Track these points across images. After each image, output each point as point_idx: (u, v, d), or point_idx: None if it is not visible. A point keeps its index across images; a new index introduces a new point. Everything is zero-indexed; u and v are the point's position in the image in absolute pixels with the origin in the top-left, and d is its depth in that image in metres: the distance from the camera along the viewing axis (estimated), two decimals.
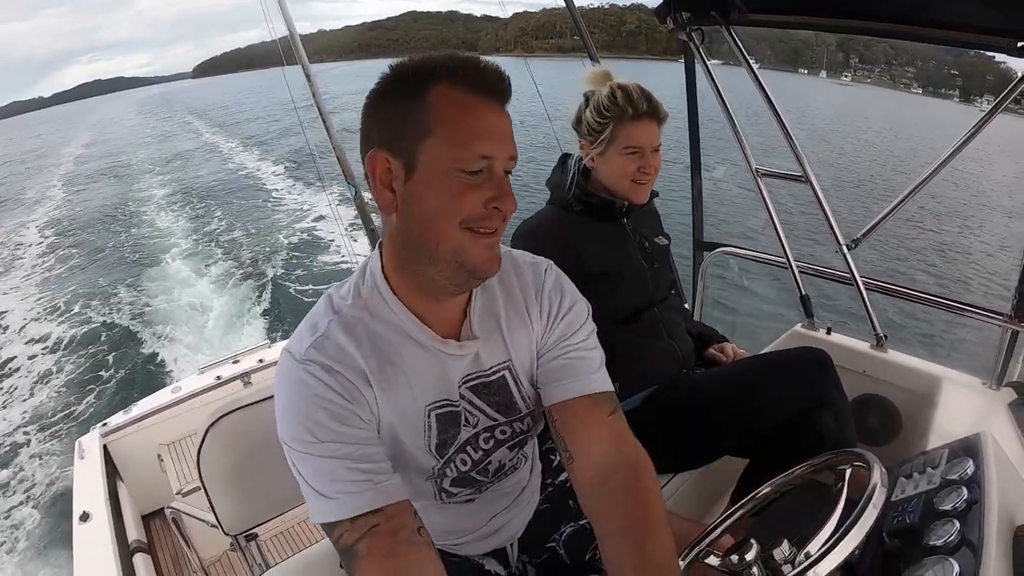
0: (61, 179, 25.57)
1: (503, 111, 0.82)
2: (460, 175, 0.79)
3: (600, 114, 1.57)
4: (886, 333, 2.09)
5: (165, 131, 39.67)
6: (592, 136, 1.60)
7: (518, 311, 0.99)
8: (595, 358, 1.01)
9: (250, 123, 36.07)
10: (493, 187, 0.81)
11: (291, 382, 0.84)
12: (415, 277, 0.88)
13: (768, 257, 2.35)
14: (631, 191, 1.62)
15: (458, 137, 0.78)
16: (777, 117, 1.98)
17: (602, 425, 0.95)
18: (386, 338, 0.90)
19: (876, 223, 2.05)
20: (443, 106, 0.78)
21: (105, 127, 50.08)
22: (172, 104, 64.50)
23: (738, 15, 1.88)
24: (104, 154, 29.79)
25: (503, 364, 0.99)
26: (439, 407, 0.95)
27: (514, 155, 0.83)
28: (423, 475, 0.98)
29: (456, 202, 0.79)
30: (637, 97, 1.55)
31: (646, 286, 1.68)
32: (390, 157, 0.81)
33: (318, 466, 0.81)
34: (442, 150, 0.78)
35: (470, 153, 0.78)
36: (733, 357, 1.82)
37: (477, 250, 0.83)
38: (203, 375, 3.22)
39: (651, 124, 1.57)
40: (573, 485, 0.96)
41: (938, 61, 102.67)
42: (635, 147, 1.57)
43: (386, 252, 0.91)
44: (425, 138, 0.78)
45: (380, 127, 0.82)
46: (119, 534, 2.34)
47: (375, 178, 0.83)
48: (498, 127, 0.81)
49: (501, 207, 0.82)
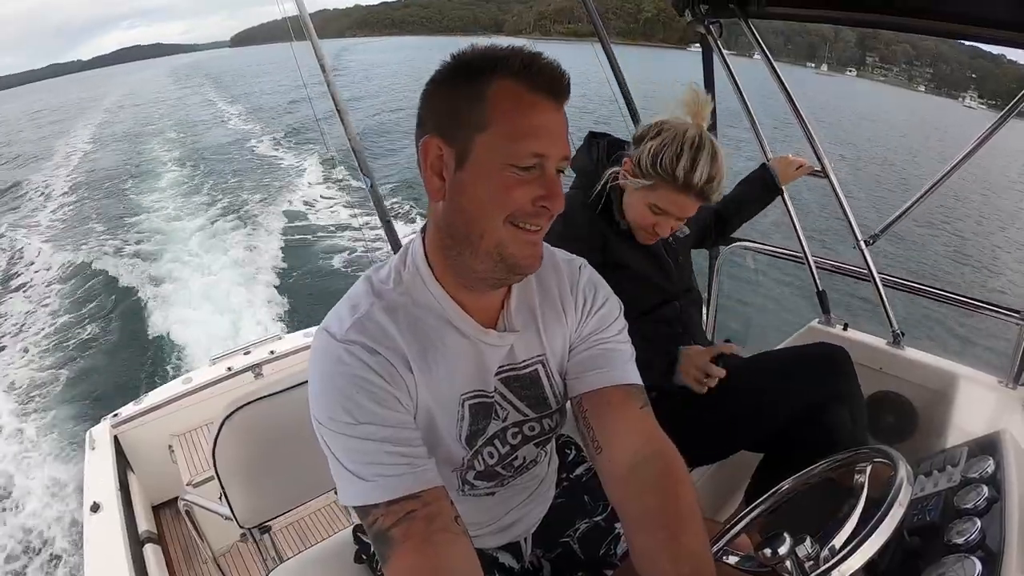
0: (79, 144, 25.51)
1: (560, 110, 0.81)
2: (511, 170, 0.78)
3: (654, 165, 1.46)
4: (903, 330, 2.08)
5: (185, 99, 39.60)
6: (638, 168, 1.50)
7: (553, 305, 0.99)
8: (627, 351, 1.01)
9: (264, 96, 35.89)
10: (543, 185, 0.80)
11: (329, 361, 0.83)
12: (456, 266, 0.87)
13: (786, 252, 2.34)
14: (639, 234, 1.59)
15: (513, 132, 0.77)
16: (795, 110, 1.97)
17: (633, 416, 0.94)
18: (428, 323, 0.89)
19: (895, 219, 2.04)
20: (501, 100, 0.77)
21: (135, 93, 49.98)
22: (204, 73, 64.25)
23: (756, 8, 1.87)
24: (123, 127, 29.58)
25: (537, 358, 0.99)
26: (473, 397, 0.94)
27: (567, 155, 0.82)
28: (450, 466, 0.97)
29: (504, 196, 0.79)
30: (698, 174, 1.43)
31: (670, 281, 1.68)
32: (443, 144, 0.80)
33: (355, 447, 0.80)
34: (496, 144, 0.78)
35: (524, 149, 0.78)
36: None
37: (520, 246, 0.83)
38: (214, 366, 3.21)
39: (695, 202, 1.49)
40: (600, 476, 0.95)
41: (958, 63, 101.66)
42: (664, 212, 1.51)
43: (429, 238, 0.90)
44: (481, 130, 0.78)
45: (436, 114, 0.82)
46: (129, 525, 2.35)
47: (426, 164, 0.82)
48: (554, 126, 0.80)
49: (549, 206, 0.81)
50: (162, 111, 34.46)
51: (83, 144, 25.10)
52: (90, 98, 51.01)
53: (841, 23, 1.90)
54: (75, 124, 33.00)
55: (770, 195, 1.99)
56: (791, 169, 1.99)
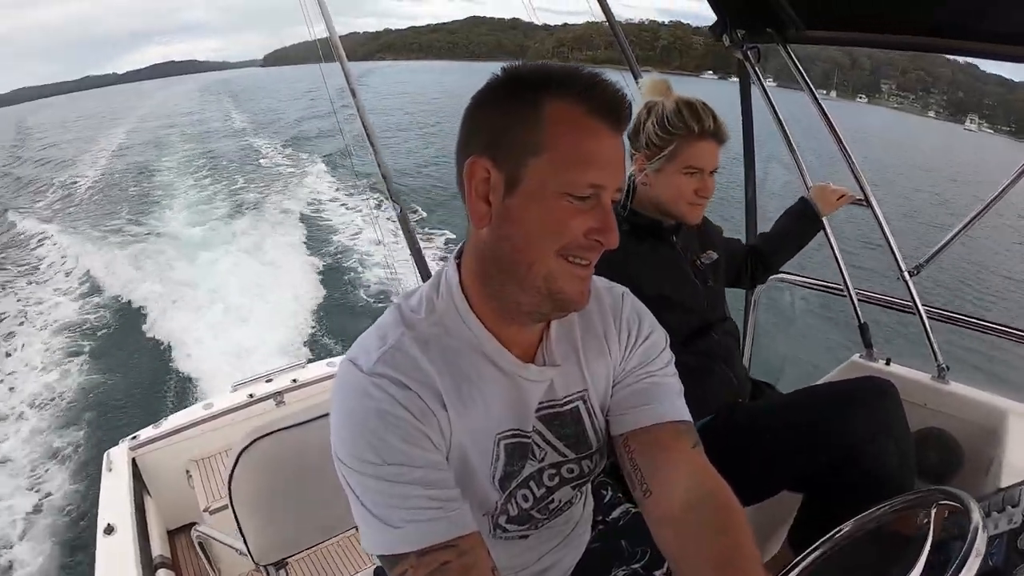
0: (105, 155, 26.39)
1: (618, 136, 0.77)
2: (567, 199, 0.74)
3: (664, 129, 1.49)
4: (948, 364, 1.99)
5: (211, 115, 40.43)
6: (651, 150, 1.52)
7: (596, 337, 0.94)
8: (675, 385, 0.95)
9: (289, 114, 36.32)
10: (598, 217, 0.75)
11: (355, 395, 0.77)
12: (497, 297, 0.82)
13: (827, 284, 2.27)
14: (687, 212, 1.55)
15: (571, 160, 0.73)
16: (836, 137, 1.91)
17: (685, 456, 0.88)
18: (462, 356, 0.83)
19: (939, 249, 1.96)
20: (559, 123, 0.73)
21: (165, 106, 51.47)
22: (233, 90, 66.33)
23: (795, 32, 1.83)
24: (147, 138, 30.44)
25: (578, 394, 0.93)
26: (510, 436, 0.88)
27: (622, 187, 0.78)
28: (481, 510, 0.90)
29: (558, 227, 0.74)
30: (704, 115, 1.48)
31: (701, 307, 1.62)
32: (491, 167, 0.75)
33: (382, 489, 0.74)
34: (552, 170, 0.73)
35: (582, 178, 0.73)
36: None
37: (569, 281, 0.78)
38: (236, 392, 3.17)
39: (714, 144, 1.50)
40: (648, 520, 0.88)
41: (973, 90, 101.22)
42: (696, 167, 1.50)
43: (467, 266, 0.84)
44: (534, 154, 0.73)
45: (484, 134, 0.77)
46: (143, 549, 2.30)
47: (470, 187, 0.77)
48: (614, 154, 0.76)
49: (603, 240, 0.76)
50: (188, 125, 35.29)
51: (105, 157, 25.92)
52: (123, 109, 52.57)
53: (882, 47, 1.83)
54: (104, 133, 34.18)
55: (812, 229, 1.94)
56: (832, 199, 1.93)
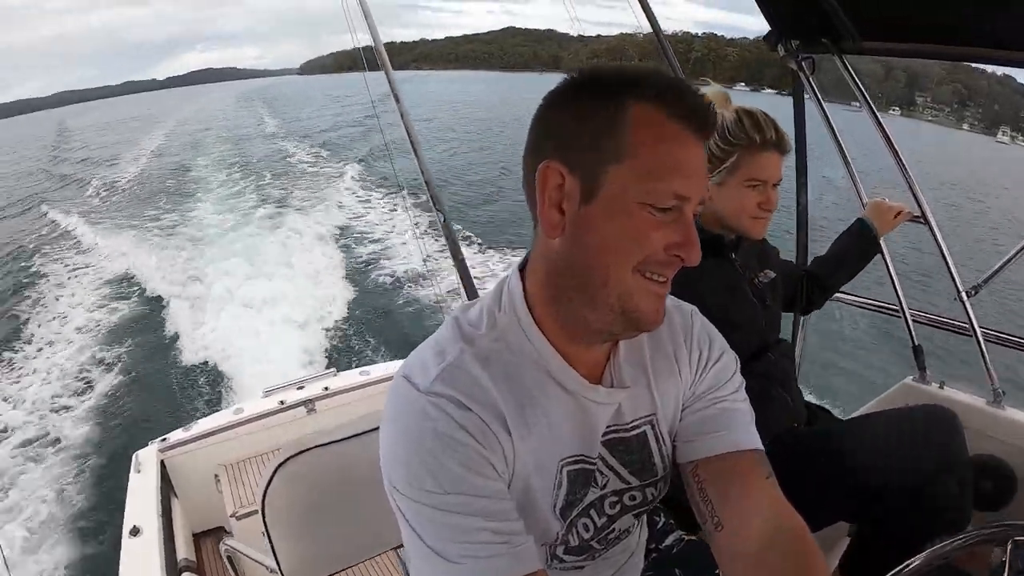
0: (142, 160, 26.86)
1: (702, 144, 0.72)
2: (648, 210, 0.69)
3: (725, 140, 1.43)
4: (1003, 389, 1.91)
5: (249, 121, 41.11)
6: (711, 163, 1.46)
7: (666, 358, 0.88)
8: (747, 411, 0.89)
9: (327, 120, 36.95)
10: (680, 231, 0.70)
11: (411, 415, 0.72)
12: (565, 313, 0.77)
13: (880, 304, 2.20)
14: (751, 226, 1.49)
15: (655, 168, 0.68)
16: (892, 150, 1.86)
17: (760, 487, 0.82)
18: (526, 376, 0.77)
19: (999, 268, 1.89)
20: (644, 129, 0.68)
21: (204, 111, 52.43)
22: (275, 97, 67.68)
23: (851, 43, 1.78)
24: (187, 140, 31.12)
25: (647, 418, 0.87)
26: (573, 462, 0.82)
27: (704, 200, 0.74)
28: (541, 540, 0.84)
29: (638, 239, 0.69)
30: (766, 125, 1.43)
31: (760, 327, 1.56)
32: (567, 173, 0.71)
33: (439, 520, 0.69)
34: (634, 179, 0.68)
35: (666, 189, 0.68)
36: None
37: (646, 299, 0.73)
38: (267, 398, 3.15)
39: (776, 155, 1.45)
40: (718, 554, 0.82)
41: (1010, 103, 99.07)
42: (759, 179, 1.45)
43: (534, 278, 0.79)
44: (615, 161, 0.68)
45: (559, 137, 0.72)
46: (168, 551, 2.29)
47: (543, 193, 0.72)
48: (698, 164, 0.71)
49: (684, 256, 0.71)
50: (225, 130, 35.88)
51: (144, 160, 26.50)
52: (161, 114, 53.78)
53: (941, 58, 1.80)
54: (144, 136, 35.02)
55: (871, 250, 1.86)
56: (889, 216, 1.86)
